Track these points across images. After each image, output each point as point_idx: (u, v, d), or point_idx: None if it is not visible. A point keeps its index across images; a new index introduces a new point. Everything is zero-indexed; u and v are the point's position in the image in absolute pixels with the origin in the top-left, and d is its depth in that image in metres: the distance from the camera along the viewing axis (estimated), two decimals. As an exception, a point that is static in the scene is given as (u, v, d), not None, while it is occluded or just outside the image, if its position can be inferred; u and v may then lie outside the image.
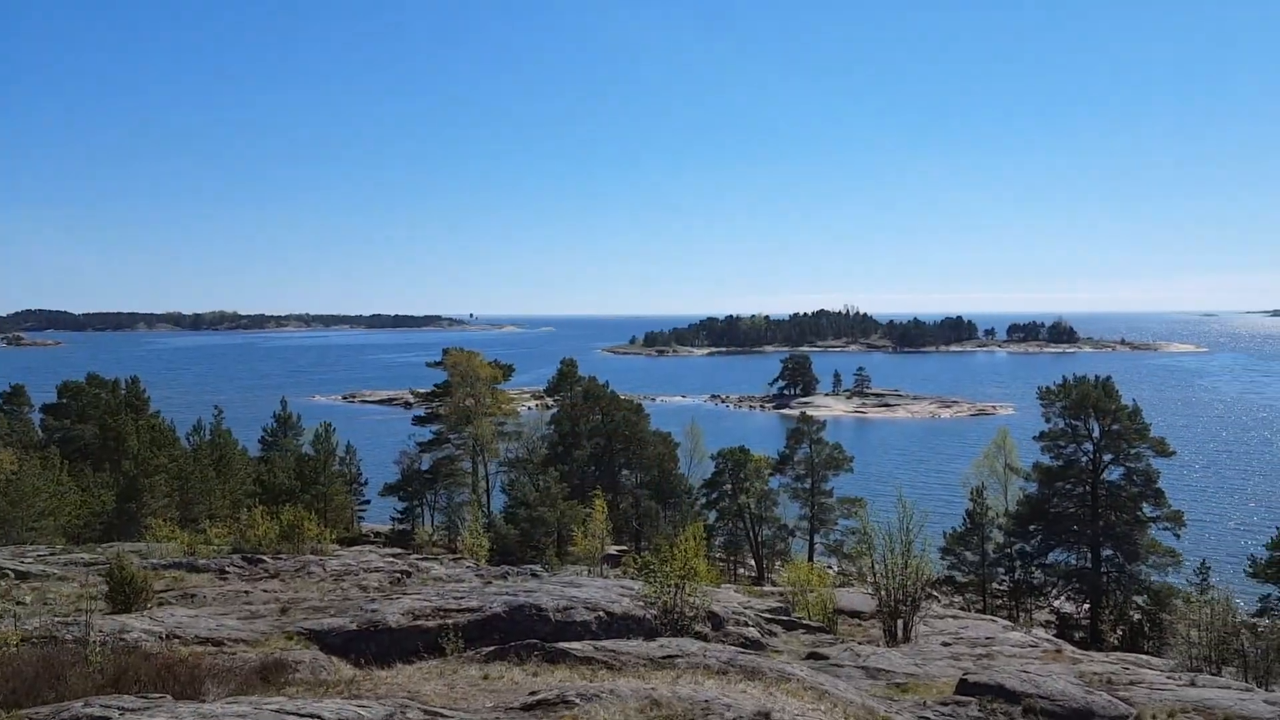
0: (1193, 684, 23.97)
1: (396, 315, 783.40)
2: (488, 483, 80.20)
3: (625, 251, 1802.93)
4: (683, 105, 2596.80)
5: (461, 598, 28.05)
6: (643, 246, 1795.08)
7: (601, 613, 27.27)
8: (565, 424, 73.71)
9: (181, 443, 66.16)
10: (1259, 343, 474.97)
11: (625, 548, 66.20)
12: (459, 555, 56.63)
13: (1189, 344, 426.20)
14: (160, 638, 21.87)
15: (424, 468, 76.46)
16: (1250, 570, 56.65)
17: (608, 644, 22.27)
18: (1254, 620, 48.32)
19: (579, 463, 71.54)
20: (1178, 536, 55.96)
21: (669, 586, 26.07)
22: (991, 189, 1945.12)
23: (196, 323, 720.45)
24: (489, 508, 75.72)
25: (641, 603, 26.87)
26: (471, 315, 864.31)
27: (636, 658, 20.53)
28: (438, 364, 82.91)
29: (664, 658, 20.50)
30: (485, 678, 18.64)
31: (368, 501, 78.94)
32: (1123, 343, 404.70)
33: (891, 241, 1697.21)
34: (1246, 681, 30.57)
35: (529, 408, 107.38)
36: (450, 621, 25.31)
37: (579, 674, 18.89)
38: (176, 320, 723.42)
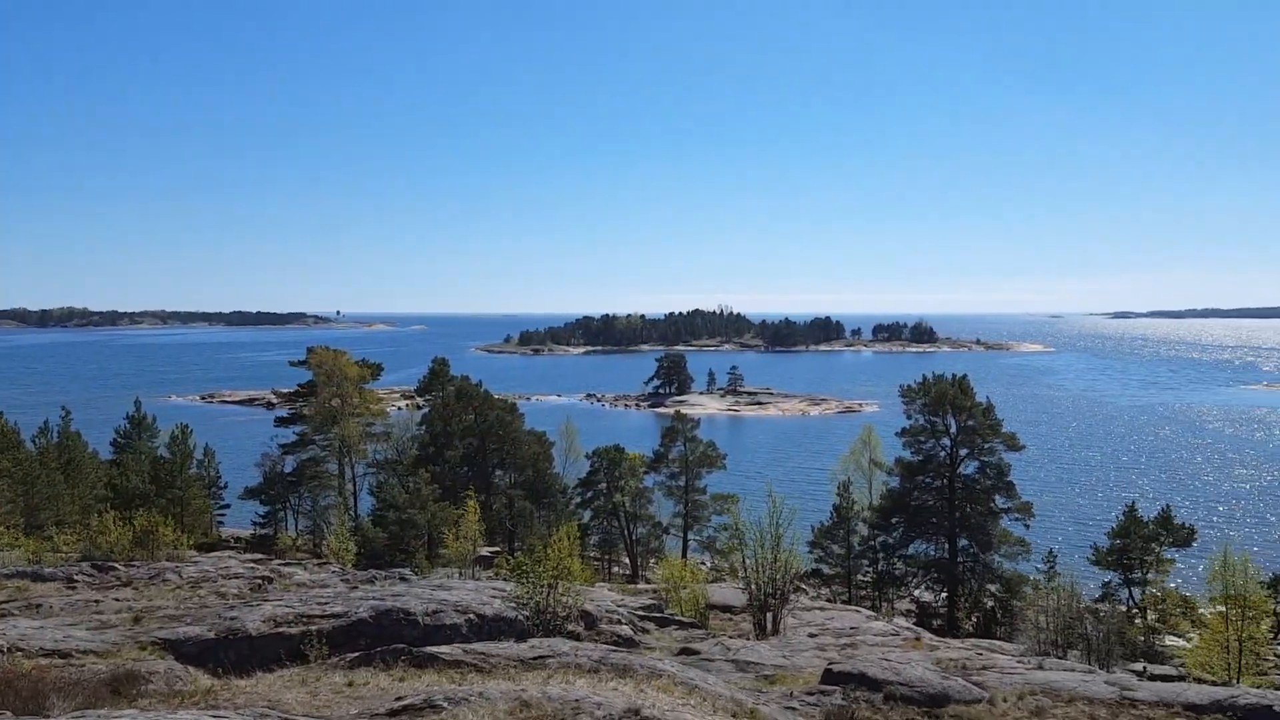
0: (1040, 667, 25.22)
1: (259, 312, 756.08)
2: (355, 485, 78.11)
3: (501, 250, 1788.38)
4: (559, 104, 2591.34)
5: (326, 603, 27.26)
6: (518, 245, 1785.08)
7: (472, 615, 26.92)
8: (437, 424, 72.40)
9: (26, 445, 62.02)
10: (1100, 343, 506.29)
11: (498, 549, 65.50)
12: (324, 560, 54.98)
13: (1038, 344, 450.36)
14: (1, 651, 20.59)
15: (287, 470, 73.86)
16: (1093, 558, 60.18)
17: (478, 646, 21.97)
18: (1096, 605, 51.33)
19: (451, 463, 70.38)
20: (1027, 527, 58.87)
21: (541, 587, 25.91)
22: (856, 194, 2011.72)
23: (43, 319, 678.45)
24: (356, 511, 73.75)
25: (514, 604, 26.62)
26: (339, 313, 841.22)
27: (507, 659, 20.31)
28: (302, 363, 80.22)
29: (535, 658, 20.34)
30: (350, 684, 18.12)
31: (227, 506, 75.72)
32: (978, 343, 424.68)
33: (764, 243, 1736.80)
34: (1090, 663, 32.44)
35: (399, 408, 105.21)
36: (314, 628, 24.59)
37: (447, 677, 18.56)
38: (21, 317, 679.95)
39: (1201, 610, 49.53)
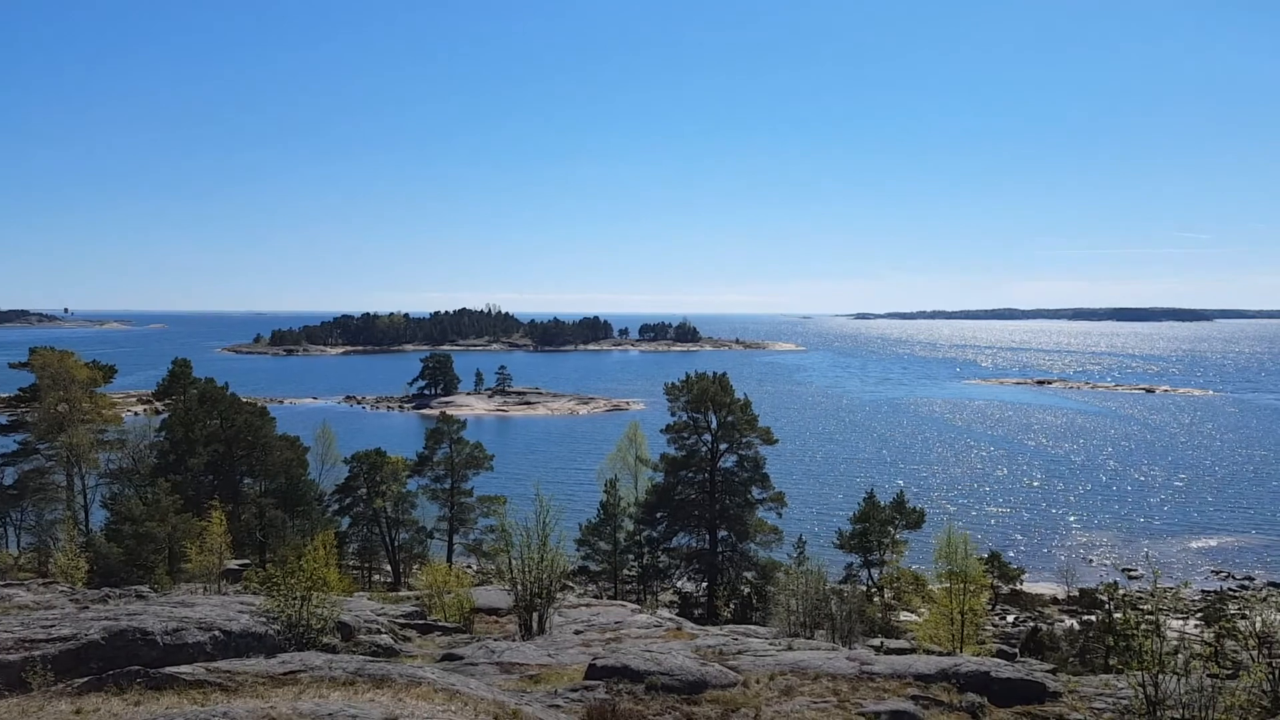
0: (790, 648, 26.60)
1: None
2: (86, 497, 71.35)
3: (249, 244, 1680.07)
4: (310, 96, 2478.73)
5: (51, 626, 24.66)
6: (268, 239, 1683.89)
7: (218, 632, 25.18)
8: (178, 430, 67.28)
9: None
10: (844, 342, 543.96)
11: (248, 561, 61.68)
12: (51, 579, 49.85)
13: (791, 343, 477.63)
14: None
15: (8, 483, 66.79)
16: (837, 543, 64.51)
17: (223, 664, 20.55)
18: (840, 587, 54.99)
19: (194, 472, 65.67)
20: (780, 515, 62.25)
21: (294, 599, 24.61)
22: (625, 195, 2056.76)
23: None
24: (88, 525, 67.40)
25: (264, 619, 25.15)
26: (67, 310, 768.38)
27: (255, 676, 19.09)
28: (23, 365, 72.63)
29: (286, 674, 19.24)
30: (78, 712, 16.52)
31: (-67, 524, 67.27)
32: (738, 342, 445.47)
33: (534, 243, 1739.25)
34: (834, 641, 34.57)
35: (135, 413, 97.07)
36: (38, 653, 22.21)
37: (189, 699, 17.25)
38: None
39: (930, 586, 54.02)
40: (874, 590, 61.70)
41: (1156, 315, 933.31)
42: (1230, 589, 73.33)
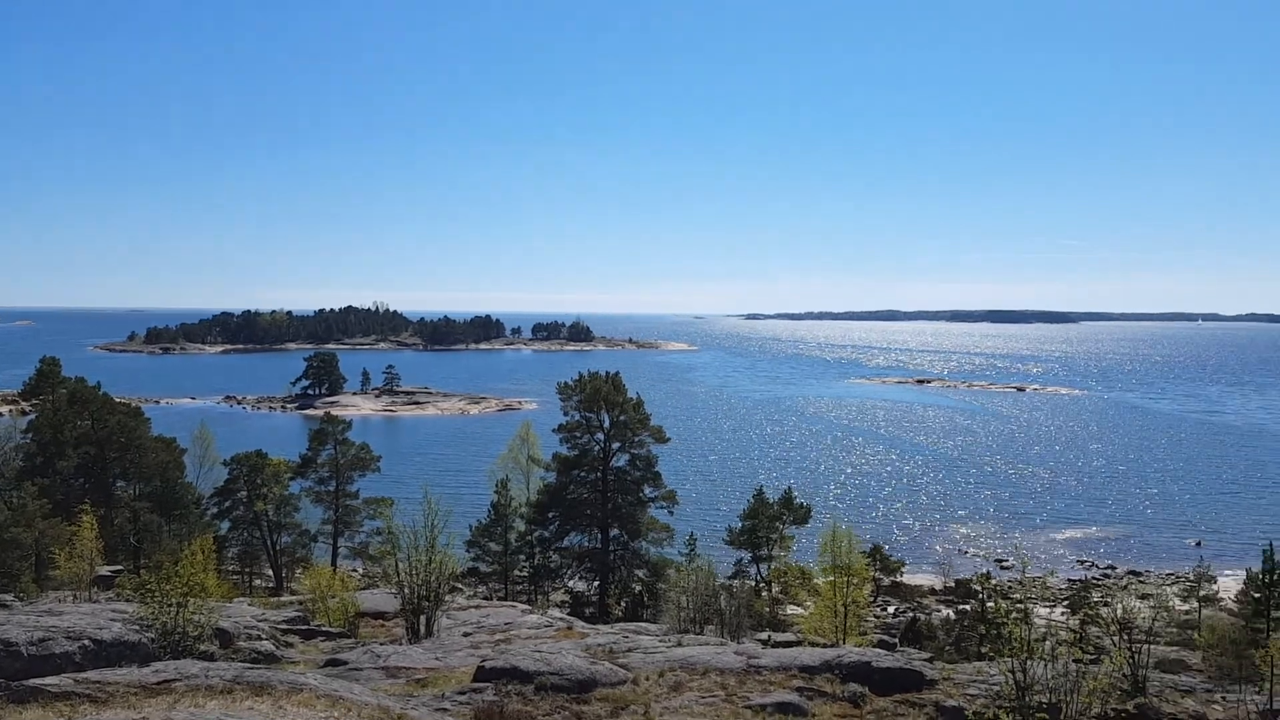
0: (680, 644, 26.95)
1: None
2: (-59, 504, 67.14)
3: (123, 237, 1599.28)
4: (181, 85, 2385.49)
5: (-102, 643, 23.18)
6: (144, 232, 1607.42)
7: (87, 641, 24.14)
8: (46, 432, 63.95)
9: None
10: (736, 342, 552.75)
11: (121, 567, 59.08)
12: (-99, 593, 46.73)
13: (684, 343, 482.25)
14: None
15: None
16: (727, 539, 65.55)
17: (93, 675, 19.69)
18: (730, 582, 55.91)
19: (63, 475, 62.57)
20: (671, 513, 62.92)
21: (169, 606, 23.74)
22: (512, 192, 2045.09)
23: None
24: (-58, 534, 63.40)
25: (137, 626, 24.19)
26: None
27: (127, 687, 18.35)
28: None
29: (160, 683, 18.55)
30: (-75, 735, 15.55)
31: None
32: (631, 341, 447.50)
33: (424, 239, 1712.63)
34: (723, 636, 35.13)
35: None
36: (-120, 674, 20.79)
37: (55, 711, 16.50)
38: None
39: (816, 580, 55.39)
40: (762, 585, 62.91)
41: (1027, 317, 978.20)
42: (1094, 578, 77.35)
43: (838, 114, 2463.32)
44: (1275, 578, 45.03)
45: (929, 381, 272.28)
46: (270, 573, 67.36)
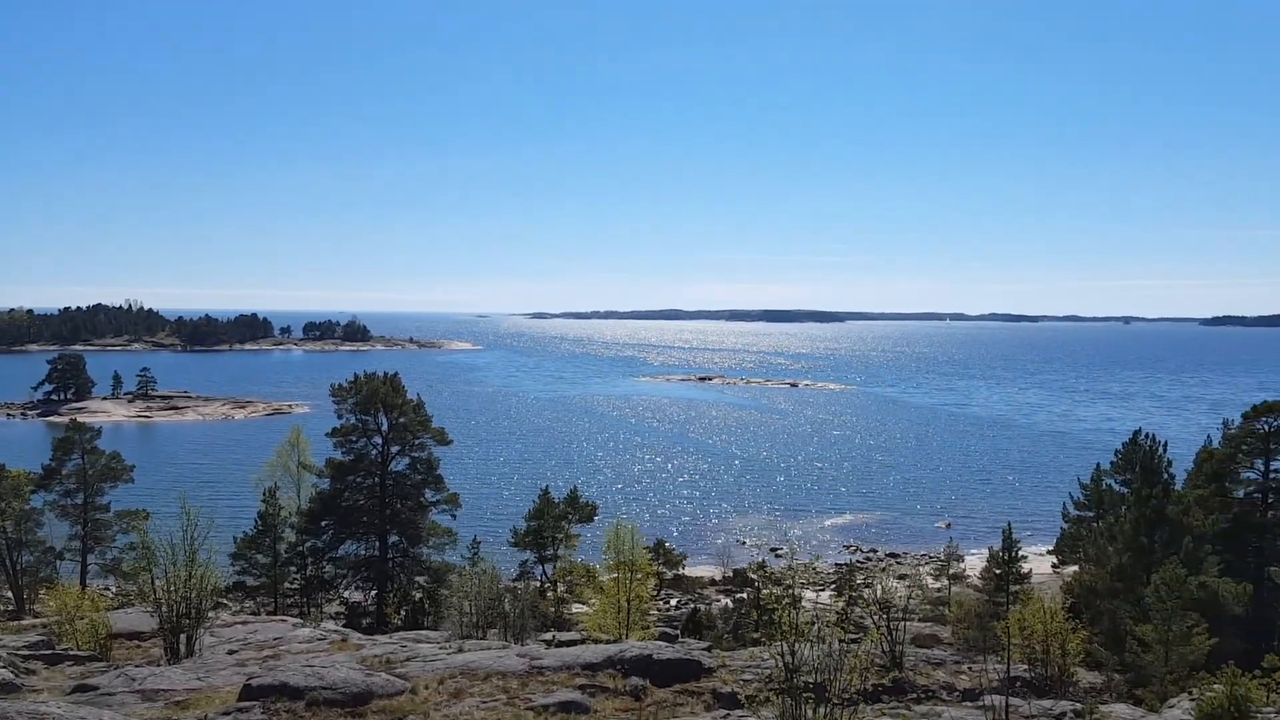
0: (461, 650, 26.44)
1: None
2: None
3: None
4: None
5: None
6: None
7: None
8: None
9: None
10: (520, 341, 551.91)
11: None
12: None
13: (467, 342, 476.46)
14: None
15: None
16: (512, 541, 65.13)
17: None
18: (515, 585, 55.59)
19: None
20: (454, 517, 61.62)
21: None
22: (290, 187, 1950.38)
23: None
24: None
25: None
26: None
27: None
28: None
29: None
30: None
31: None
32: (411, 341, 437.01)
33: (183, 233, 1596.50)
34: (506, 640, 34.84)
35: None
36: None
37: None
38: None
39: (601, 578, 55.99)
40: (548, 585, 62.93)
41: (799, 316, 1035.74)
42: (858, 561, 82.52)
43: (625, 119, 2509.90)
44: (1013, 555, 49.65)
45: (710, 379, 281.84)
46: (10, 594, 60.96)
